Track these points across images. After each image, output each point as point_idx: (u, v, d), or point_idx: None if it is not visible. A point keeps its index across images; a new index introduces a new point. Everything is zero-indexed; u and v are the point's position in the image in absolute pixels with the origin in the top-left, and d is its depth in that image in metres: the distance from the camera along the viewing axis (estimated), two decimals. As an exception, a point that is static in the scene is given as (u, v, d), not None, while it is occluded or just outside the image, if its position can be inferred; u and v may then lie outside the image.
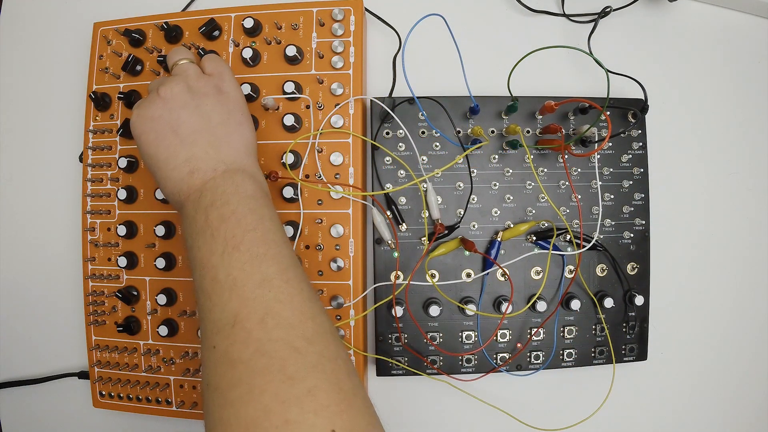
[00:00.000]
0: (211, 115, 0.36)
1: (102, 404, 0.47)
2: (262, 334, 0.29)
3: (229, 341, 0.29)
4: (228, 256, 0.31)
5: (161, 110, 0.35)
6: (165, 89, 0.36)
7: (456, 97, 0.45)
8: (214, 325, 0.30)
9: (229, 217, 0.32)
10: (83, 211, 0.47)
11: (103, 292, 0.47)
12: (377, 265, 0.44)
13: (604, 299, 0.44)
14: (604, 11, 0.48)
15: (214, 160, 0.35)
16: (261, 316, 0.29)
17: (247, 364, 0.28)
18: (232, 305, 0.30)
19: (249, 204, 0.33)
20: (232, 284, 0.30)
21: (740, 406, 0.48)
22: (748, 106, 0.49)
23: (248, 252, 0.31)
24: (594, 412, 0.44)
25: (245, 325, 0.29)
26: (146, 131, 0.35)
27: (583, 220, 0.45)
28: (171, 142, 0.35)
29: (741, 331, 0.48)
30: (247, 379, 0.27)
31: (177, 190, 0.35)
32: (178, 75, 0.37)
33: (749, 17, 0.50)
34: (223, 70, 0.39)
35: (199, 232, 0.32)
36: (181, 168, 0.34)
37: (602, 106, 0.37)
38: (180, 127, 0.35)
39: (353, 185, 0.43)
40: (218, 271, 0.31)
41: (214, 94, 0.37)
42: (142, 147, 0.36)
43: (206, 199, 0.33)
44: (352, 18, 0.45)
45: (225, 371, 0.28)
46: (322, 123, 0.44)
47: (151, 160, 0.36)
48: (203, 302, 0.31)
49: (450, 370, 0.45)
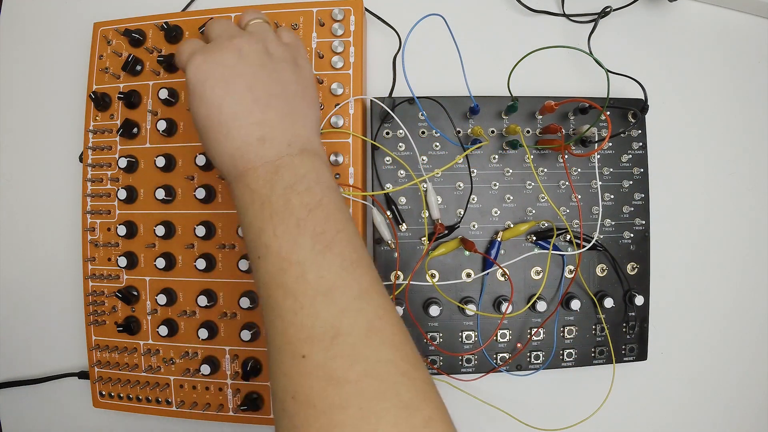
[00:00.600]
0: (288, 84, 0.32)
1: (102, 404, 0.47)
2: (370, 352, 0.26)
3: (327, 354, 0.26)
4: (320, 255, 0.28)
5: (235, 61, 0.31)
6: (241, 41, 0.32)
7: (456, 97, 0.45)
8: (302, 330, 0.27)
9: (316, 209, 0.29)
10: (83, 211, 0.47)
11: (103, 292, 0.47)
12: (377, 265, 0.44)
13: (604, 299, 0.44)
14: (604, 11, 0.48)
15: (290, 134, 0.31)
16: (365, 331, 0.27)
17: (356, 385, 0.25)
18: (330, 314, 0.27)
19: (333, 197, 0.30)
20: (327, 290, 0.27)
21: (740, 406, 0.48)
22: (748, 106, 0.49)
23: (341, 255, 0.28)
24: (594, 412, 0.44)
25: (348, 340, 0.26)
26: (215, 77, 0.30)
27: (583, 220, 0.45)
28: (243, 97, 0.30)
29: (741, 331, 0.48)
30: (359, 403, 0.25)
31: (239, 155, 0.30)
32: (256, 33, 0.33)
33: (749, 17, 0.50)
34: (299, 45, 0.36)
35: (277, 215, 0.28)
36: (251, 130, 0.30)
37: (602, 106, 0.37)
38: (256, 85, 0.31)
39: (353, 185, 0.43)
40: (307, 270, 0.27)
41: (292, 63, 0.33)
42: (205, 96, 0.31)
43: (284, 179, 0.29)
44: (352, 18, 0.45)
45: (324, 388, 0.25)
46: (322, 123, 0.44)
47: (212, 112, 0.30)
48: (282, 301, 0.28)
49: (450, 370, 0.45)
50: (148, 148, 0.46)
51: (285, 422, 0.26)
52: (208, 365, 0.44)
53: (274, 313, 0.28)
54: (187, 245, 0.45)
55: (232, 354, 0.45)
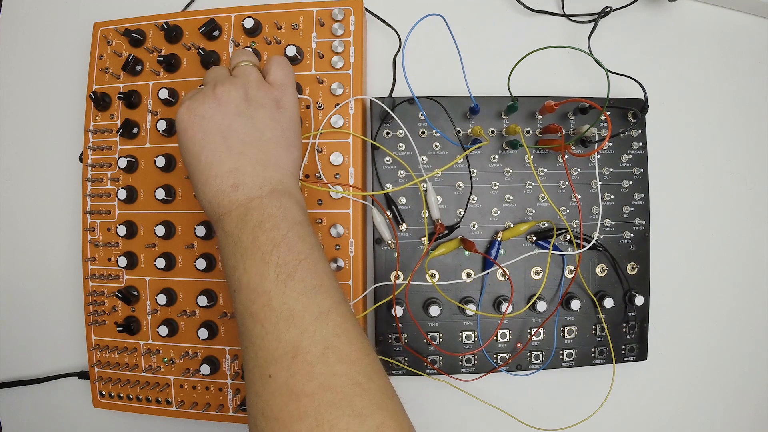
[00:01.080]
0: (264, 130, 0.35)
1: (102, 404, 0.47)
2: (325, 368, 0.29)
3: (289, 372, 0.28)
4: (282, 284, 0.30)
5: (214, 111, 0.34)
6: (222, 90, 0.34)
7: (456, 97, 0.45)
8: (268, 353, 0.29)
9: (281, 243, 0.31)
10: (83, 211, 0.47)
11: (103, 292, 0.47)
12: (377, 265, 0.44)
13: (604, 299, 0.44)
14: (604, 11, 0.48)
15: (261, 178, 0.33)
16: (322, 349, 0.29)
17: (312, 398, 0.28)
18: (290, 336, 0.29)
19: (298, 231, 0.32)
20: (288, 314, 0.30)
21: (740, 406, 0.48)
22: (748, 106, 0.49)
23: (302, 282, 0.31)
24: (594, 412, 0.44)
25: (306, 358, 0.29)
26: (193, 127, 0.34)
27: (583, 220, 0.45)
28: (217, 147, 0.33)
29: (741, 330, 0.48)
30: (315, 413, 0.27)
31: (216, 201, 0.33)
32: (239, 78, 0.36)
33: (749, 17, 0.50)
34: (286, 83, 0.37)
35: (246, 253, 0.31)
36: (224, 178, 0.33)
37: (602, 106, 0.37)
38: (230, 134, 0.34)
39: (353, 185, 0.43)
40: (271, 298, 0.30)
41: (272, 107, 0.35)
42: (186, 143, 0.34)
43: (253, 219, 0.32)
44: (352, 18, 0.45)
45: (286, 403, 0.28)
46: (322, 123, 0.44)
47: (192, 160, 0.34)
48: (252, 328, 0.30)
49: (450, 370, 0.45)
50: (148, 148, 0.46)
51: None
52: (208, 365, 0.44)
53: (247, 339, 0.31)
54: (187, 245, 0.45)
55: (232, 354, 0.45)
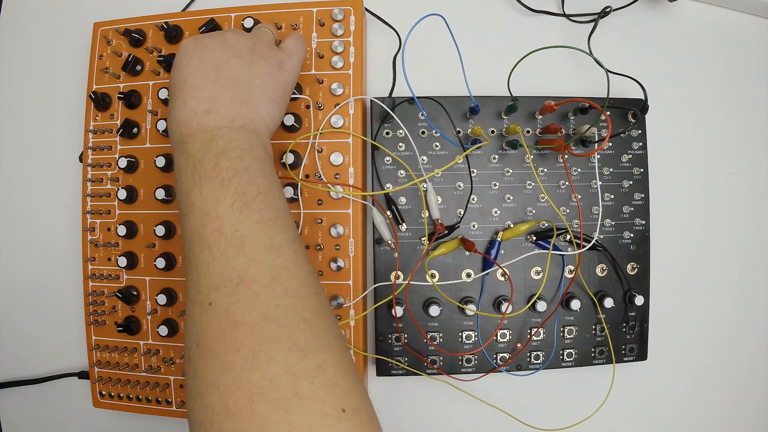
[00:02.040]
0: (256, 77, 0.36)
1: (102, 404, 0.47)
2: (270, 299, 0.27)
3: (230, 300, 0.27)
4: (237, 211, 0.30)
5: (217, 46, 0.36)
6: (232, 35, 0.36)
7: (456, 97, 0.45)
8: (212, 279, 0.28)
9: (242, 173, 0.31)
10: (83, 211, 0.47)
11: (103, 292, 0.47)
12: (377, 265, 0.44)
13: (604, 299, 0.44)
14: (604, 11, 0.48)
15: (235, 112, 0.34)
16: (269, 280, 0.28)
17: (252, 328, 0.26)
18: (238, 263, 0.28)
19: (261, 166, 0.33)
20: (239, 241, 0.29)
21: (740, 406, 0.48)
22: (747, 106, 0.49)
23: (258, 213, 0.30)
24: (594, 412, 0.44)
25: (251, 287, 0.28)
26: (192, 53, 0.35)
27: (583, 220, 0.45)
28: (207, 74, 0.34)
29: (741, 330, 0.48)
30: (252, 344, 0.26)
31: (186, 122, 0.33)
32: (253, 34, 0.38)
33: (749, 17, 0.50)
34: (294, 51, 0.39)
35: (205, 176, 0.31)
36: (202, 101, 0.33)
37: (602, 106, 0.37)
38: (224, 68, 0.35)
39: (353, 185, 0.43)
40: (224, 224, 0.29)
41: (273, 64, 0.37)
42: (179, 66, 0.35)
43: (218, 146, 0.32)
44: (352, 18, 0.45)
45: (224, 332, 0.27)
46: (322, 123, 0.44)
47: (178, 81, 0.35)
48: (199, 252, 0.29)
49: (450, 370, 0.45)
50: (148, 148, 0.46)
51: (189, 369, 0.28)
52: (208, 365, 0.44)
53: (192, 266, 0.30)
54: (187, 245, 0.45)
55: (232, 354, 0.45)
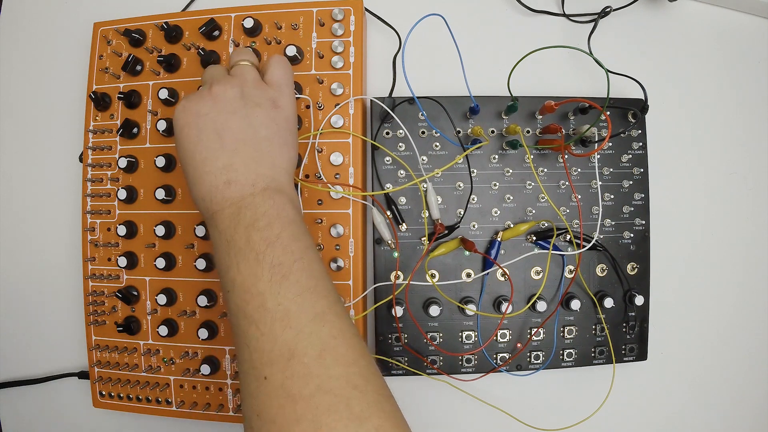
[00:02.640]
0: (259, 128, 0.35)
1: (102, 404, 0.47)
2: (322, 370, 0.28)
3: (285, 375, 0.28)
4: (277, 285, 0.30)
5: (209, 109, 0.34)
6: (219, 88, 0.35)
7: (456, 97, 0.45)
8: (263, 355, 0.29)
9: (275, 242, 0.31)
10: (83, 211, 0.47)
11: (103, 292, 0.47)
12: (377, 265, 0.44)
13: (604, 299, 0.44)
14: (604, 11, 0.48)
15: (254, 175, 0.33)
16: (318, 351, 0.29)
17: (309, 401, 0.27)
18: (286, 338, 0.29)
19: (292, 230, 0.32)
20: (284, 315, 0.29)
21: (740, 406, 0.48)
22: (747, 106, 0.49)
23: (298, 283, 0.30)
24: (594, 412, 0.44)
25: (303, 360, 0.28)
26: (189, 125, 0.34)
27: (583, 220, 0.45)
28: (212, 144, 0.33)
29: (741, 330, 0.48)
30: (312, 416, 0.27)
31: (209, 198, 0.33)
32: (236, 77, 0.36)
33: (749, 17, 0.50)
34: (283, 83, 0.37)
35: (240, 253, 0.31)
36: (218, 174, 0.33)
37: (602, 106, 0.37)
38: (225, 131, 0.34)
39: (353, 185, 0.43)
40: (266, 299, 0.30)
41: (268, 106, 0.36)
42: (181, 141, 0.34)
43: (246, 218, 0.32)
44: (352, 18, 0.45)
45: (283, 405, 0.28)
46: (322, 123, 0.44)
47: (187, 157, 0.34)
48: (247, 328, 0.30)
49: (450, 370, 0.45)
50: (148, 148, 0.46)
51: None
52: (208, 365, 0.44)
53: (241, 341, 0.31)
54: (187, 245, 0.45)
55: (232, 354, 0.45)
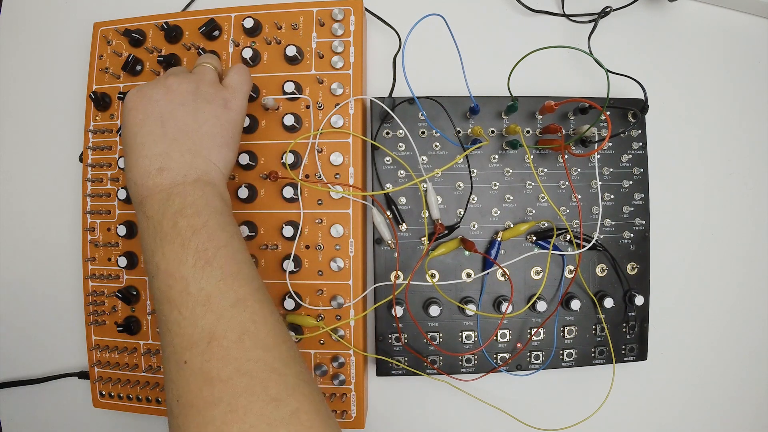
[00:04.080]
0: (203, 124, 0.35)
1: (102, 404, 0.47)
2: (241, 353, 0.29)
3: (204, 358, 0.29)
4: (200, 270, 0.30)
5: (160, 96, 0.35)
6: (174, 80, 0.36)
7: (456, 97, 0.45)
8: (184, 339, 0.30)
9: (200, 230, 0.31)
10: (83, 211, 0.47)
11: (103, 292, 0.47)
12: (377, 265, 0.44)
13: (604, 299, 0.44)
14: (604, 11, 0.48)
15: (188, 166, 0.34)
16: (238, 335, 0.29)
17: (226, 383, 0.28)
18: (207, 321, 0.29)
19: (219, 219, 0.33)
20: (206, 300, 0.30)
21: (740, 406, 0.48)
22: (747, 106, 0.49)
23: (221, 269, 0.31)
24: (594, 412, 0.44)
25: (222, 343, 0.29)
26: (137, 108, 0.35)
27: (583, 220, 0.45)
28: (154, 130, 0.34)
29: (741, 330, 0.48)
30: (228, 399, 0.27)
31: (141, 183, 0.33)
32: (194, 75, 0.37)
33: (749, 17, 0.50)
34: (239, 88, 0.38)
35: (165, 238, 0.31)
36: (153, 160, 0.33)
37: (602, 106, 0.37)
38: (169, 120, 0.34)
39: (353, 185, 0.43)
40: (189, 284, 0.30)
41: (219, 105, 0.36)
42: (126, 123, 0.35)
43: (174, 205, 0.32)
44: (352, 18, 0.45)
45: (201, 388, 0.28)
46: (322, 123, 0.44)
47: (128, 139, 0.35)
48: (169, 313, 0.30)
49: (450, 370, 0.45)
50: (148, 148, 0.46)
51: (172, 424, 0.29)
52: (208, 365, 0.44)
53: (164, 326, 0.31)
54: (187, 245, 0.45)
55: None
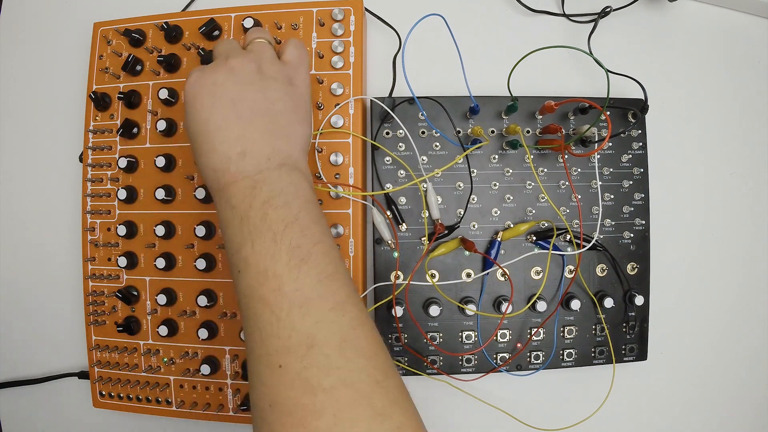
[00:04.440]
0: (275, 102, 0.34)
1: (102, 404, 0.47)
2: (343, 362, 0.27)
3: (303, 364, 0.27)
4: (296, 268, 0.29)
5: (224, 78, 0.33)
6: (235, 61, 0.34)
7: (456, 97, 0.45)
8: (279, 341, 0.28)
9: (293, 223, 0.30)
10: (83, 211, 0.47)
11: (103, 292, 0.47)
12: (377, 265, 0.44)
13: (604, 299, 0.44)
14: (604, 11, 0.48)
15: (270, 148, 0.32)
16: (339, 342, 0.28)
17: (330, 393, 0.26)
18: (305, 325, 0.28)
19: (311, 211, 0.31)
20: (303, 302, 0.28)
21: (740, 406, 0.48)
22: (748, 106, 0.49)
23: (317, 268, 0.29)
24: (594, 412, 0.44)
25: (323, 350, 0.27)
26: (203, 94, 0.33)
27: (583, 220, 0.45)
28: (227, 114, 0.32)
29: (741, 330, 0.48)
30: (333, 410, 0.26)
31: (222, 168, 0.31)
32: (253, 52, 0.35)
33: (749, 17, 0.50)
34: (299, 62, 0.37)
35: (255, 230, 0.30)
36: (232, 144, 0.31)
37: (602, 106, 0.37)
38: (241, 101, 0.32)
39: (353, 185, 0.43)
40: (284, 283, 0.29)
41: (284, 82, 0.35)
42: (194, 110, 0.33)
43: (262, 194, 0.30)
44: (352, 18, 0.45)
45: (300, 396, 0.27)
46: (322, 123, 0.44)
47: (198, 127, 0.32)
48: (261, 313, 0.29)
49: (450, 370, 0.45)
50: (148, 148, 0.46)
51: (264, 430, 0.28)
52: (208, 365, 0.44)
53: (254, 325, 0.29)
54: (187, 245, 0.45)
55: (232, 354, 0.45)
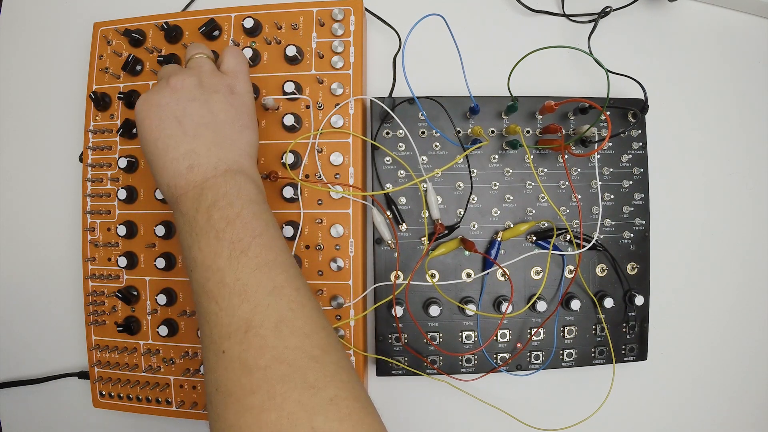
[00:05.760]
0: (218, 113, 0.35)
1: (102, 404, 0.47)
2: (278, 341, 0.29)
3: (242, 347, 0.29)
4: (235, 260, 0.31)
5: (168, 98, 0.35)
6: (176, 79, 0.35)
7: (456, 97, 0.45)
8: (222, 329, 0.30)
9: (234, 220, 0.32)
10: (83, 211, 0.47)
11: (103, 292, 0.47)
12: (377, 265, 0.44)
13: (604, 299, 0.44)
14: (604, 11, 0.48)
15: (216, 158, 0.34)
16: (275, 323, 0.29)
17: (265, 371, 0.28)
18: (243, 311, 0.30)
19: (253, 208, 0.33)
20: (242, 289, 0.30)
21: (740, 406, 0.48)
22: (747, 106, 0.49)
23: (256, 258, 0.31)
24: (594, 412, 0.44)
25: (259, 332, 0.29)
26: (150, 117, 0.35)
27: (583, 220, 0.45)
28: (173, 132, 0.34)
29: (741, 330, 0.48)
30: (267, 386, 0.28)
31: (173, 184, 0.34)
32: (192, 68, 0.37)
33: (749, 17, 0.50)
34: (238, 70, 0.38)
35: (201, 232, 0.32)
36: (180, 160, 0.33)
37: (602, 106, 0.37)
38: (185, 118, 0.34)
39: (353, 185, 0.43)
40: (225, 275, 0.30)
41: (225, 92, 0.36)
42: (143, 133, 0.35)
43: (207, 199, 0.32)
44: (352, 18, 0.45)
45: (239, 377, 0.28)
46: (322, 123, 0.44)
47: (149, 147, 0.35)
48: (207, 305, 0.31)
49: (450, 370, 0.45)
50: (148, 148, 0.46)
51: (211, 413, 0.30)
52: (208, 365, 0.44)
53: (202, 318, 0.31)
54: (187, 245, 0.45)
55: (232, 354, 0.45)
